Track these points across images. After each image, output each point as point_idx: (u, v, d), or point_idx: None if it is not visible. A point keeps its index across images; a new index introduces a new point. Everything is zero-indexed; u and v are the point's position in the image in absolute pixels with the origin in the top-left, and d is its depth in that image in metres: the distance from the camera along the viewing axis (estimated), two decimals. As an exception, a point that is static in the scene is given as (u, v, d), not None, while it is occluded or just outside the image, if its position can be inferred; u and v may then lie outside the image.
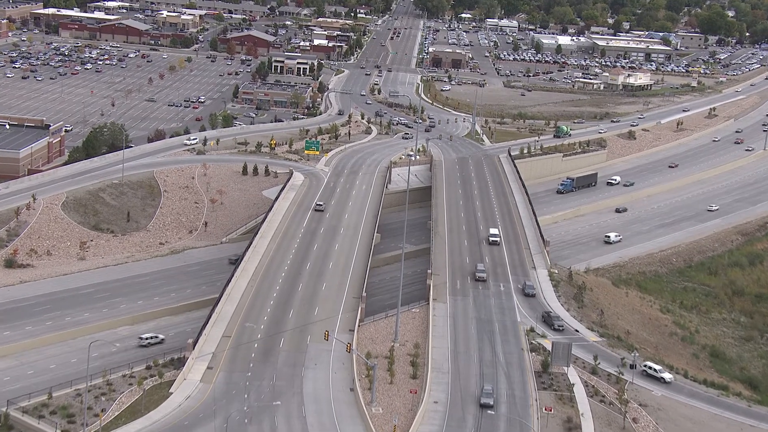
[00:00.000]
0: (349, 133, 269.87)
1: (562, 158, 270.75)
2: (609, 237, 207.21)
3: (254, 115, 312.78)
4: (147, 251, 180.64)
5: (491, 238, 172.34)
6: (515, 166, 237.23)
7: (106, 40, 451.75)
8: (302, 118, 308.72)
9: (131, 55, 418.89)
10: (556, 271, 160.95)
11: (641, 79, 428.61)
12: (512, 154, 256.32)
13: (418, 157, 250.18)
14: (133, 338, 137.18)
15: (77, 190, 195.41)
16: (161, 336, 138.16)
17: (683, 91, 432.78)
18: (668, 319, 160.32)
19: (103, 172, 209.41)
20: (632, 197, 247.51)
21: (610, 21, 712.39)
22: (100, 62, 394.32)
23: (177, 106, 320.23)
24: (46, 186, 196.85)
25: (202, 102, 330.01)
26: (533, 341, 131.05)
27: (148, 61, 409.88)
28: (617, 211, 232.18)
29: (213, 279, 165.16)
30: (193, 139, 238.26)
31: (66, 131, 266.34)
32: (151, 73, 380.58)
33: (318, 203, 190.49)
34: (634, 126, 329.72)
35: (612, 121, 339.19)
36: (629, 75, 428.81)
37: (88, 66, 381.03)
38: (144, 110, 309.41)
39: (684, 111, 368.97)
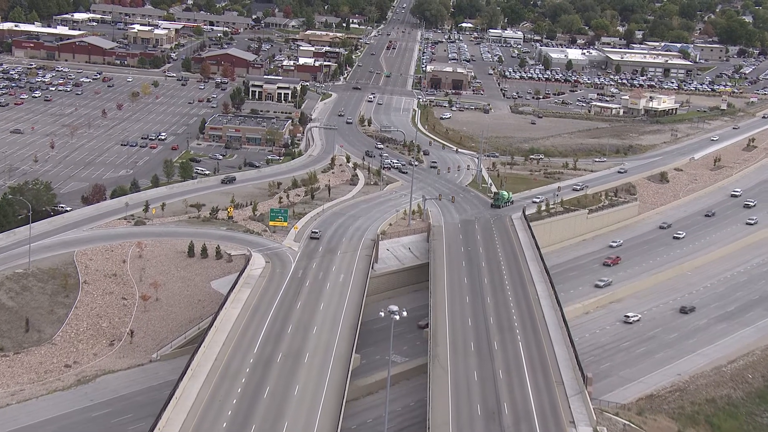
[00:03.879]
0: (329, 188, 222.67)
1: (587, 215, 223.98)
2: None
3: (222, 157, 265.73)
4: (44, 381, 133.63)
5: None
6: (533, 235, 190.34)
7: (66, 60, 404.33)
8: (278, 160, 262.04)
9: (85, 79, 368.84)
10: (606, 431, 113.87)
11: (665, 102, 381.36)
12: (527, 213, 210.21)
13: (413, 221, 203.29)
14: None
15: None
16: None
17: (713, 116, 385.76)
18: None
19: (8, 255, 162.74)
20: (680, 270, 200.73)
21: (621, 29, 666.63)
22: (53, 88, 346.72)
23: (131, 145, 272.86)
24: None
25: (163, 139, 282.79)
26: None
27: (109, 86, 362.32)
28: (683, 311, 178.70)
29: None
30: None
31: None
32: (110, 101, 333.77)
33: (314, 231, 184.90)
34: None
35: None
36: (652, 98, 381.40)
37: (37, 93, 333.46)
38: (90, 153, 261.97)
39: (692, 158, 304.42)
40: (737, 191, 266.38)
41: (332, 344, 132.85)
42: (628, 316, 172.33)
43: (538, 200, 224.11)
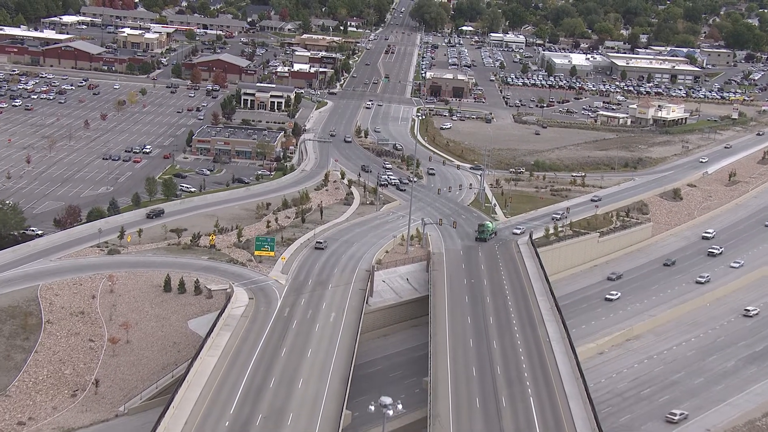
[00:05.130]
0: (322, 210, 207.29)
1: (598, 239, 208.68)
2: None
3: (209, 172, 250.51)
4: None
5: None
6: (541, 264, 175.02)
7: (51, 66, 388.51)
8: (268, 176, 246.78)
9: (69, 87, 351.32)
10: None
11: (674, 111, 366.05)
12: (534, 237, 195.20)
13: (412, 247, 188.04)
14: None
15: None
16: None
17: (724, 126, 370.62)
18: None
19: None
20: (703, 301, 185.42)
21: (625, 33, 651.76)
22: (35, 96, 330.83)
23: (114, 159, 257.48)
24: None
25: (148, 152, 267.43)
26: None
27: (94, 94, 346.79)
28: None
29: None
30: None
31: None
32: (95, 110, 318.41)
33: (318, 241, 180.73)
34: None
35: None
36: (660, 107, 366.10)
37: (18, 102, 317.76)
38: (69, 168, 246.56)
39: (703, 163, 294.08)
40: (709, 232, 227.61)
41: (320, 400, 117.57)
42: (748, 310, 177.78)
43: (518, 231, 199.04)
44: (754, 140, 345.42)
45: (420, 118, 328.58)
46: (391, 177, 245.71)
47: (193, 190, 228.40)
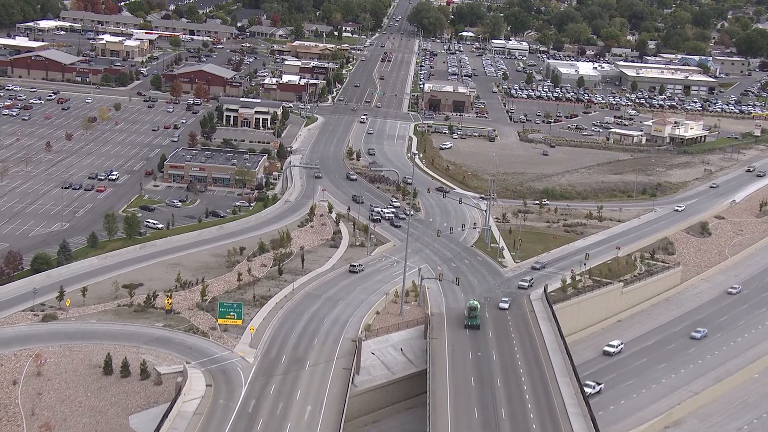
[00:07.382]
0: (303, 256, 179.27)
1: (622, 290, 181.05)
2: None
3: (180, 203, 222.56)
4: None
5: None
6: (560, 329, 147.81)
7: (20, 77, 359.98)
8: (247, 208, 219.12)
9: (37, 101, 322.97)
10: None
11: (693, 129, 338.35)
12: (549, 289, 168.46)
13: (407, 307, 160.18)
14: None
15: None
16: None
17: (746, 143, 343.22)
18: None
19: None
20: (748, 372, 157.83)
21: (631, 39, 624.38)
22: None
23: (75, 188, 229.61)
24: None
25: (114, 179, 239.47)
26: None
27: (63, 109, 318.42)
28: None
29: None
30: None
31: None
32: (63, 128, 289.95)
33: (353, 264, 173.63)
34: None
35: None
36: (677, 123, 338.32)
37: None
38: (21, 199, 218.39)
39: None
40: (613, 345, 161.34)
41: None
42: None
43: (505, 305, 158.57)
44: (745, 178, 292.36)
45: (418, 156, 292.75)
46: (385, 211, 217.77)
47: (160, 226, 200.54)
